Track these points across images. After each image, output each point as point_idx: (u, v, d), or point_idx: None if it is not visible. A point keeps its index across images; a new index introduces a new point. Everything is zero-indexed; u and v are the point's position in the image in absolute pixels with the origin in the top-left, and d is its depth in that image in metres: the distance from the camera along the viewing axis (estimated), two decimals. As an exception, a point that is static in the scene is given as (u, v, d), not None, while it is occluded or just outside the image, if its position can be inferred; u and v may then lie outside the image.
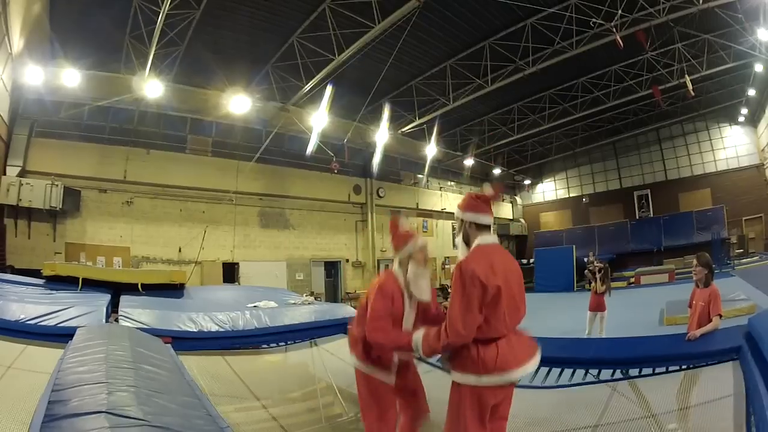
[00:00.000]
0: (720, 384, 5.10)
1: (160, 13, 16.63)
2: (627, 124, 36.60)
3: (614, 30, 19.98)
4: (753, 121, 32.68)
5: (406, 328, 4.57)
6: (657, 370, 6.06)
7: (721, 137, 35.06)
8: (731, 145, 34.50)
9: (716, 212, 33.42)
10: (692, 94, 25.03)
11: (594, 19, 20.04)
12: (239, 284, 24.40)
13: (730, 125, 34.45)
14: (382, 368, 4.63)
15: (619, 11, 19.46)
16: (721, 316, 6.39)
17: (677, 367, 5.86)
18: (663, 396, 5.35)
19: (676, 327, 9.96)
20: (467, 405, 3.90)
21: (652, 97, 27.93)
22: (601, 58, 24.68)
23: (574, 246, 30.90)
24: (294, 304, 13.50)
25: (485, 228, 4.23)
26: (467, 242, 4.21)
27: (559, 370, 6.55)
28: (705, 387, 5.30)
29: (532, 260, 33.69)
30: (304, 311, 11.80)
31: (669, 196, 36.87)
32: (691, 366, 5.76)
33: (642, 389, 5.66)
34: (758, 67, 24.41)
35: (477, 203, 4.26)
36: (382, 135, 28.05)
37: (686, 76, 24.26)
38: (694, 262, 7.03)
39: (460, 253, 4.22)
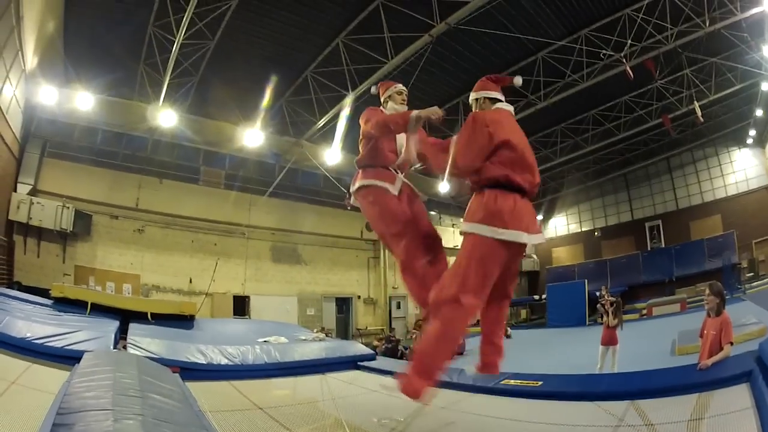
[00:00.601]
0: (731, 406, 5.02)
1: (174, 42, 16.77)
2: (638, 154, 36.48)
3: (624, 60, 20.02)
4: (761, 142, 32.49)
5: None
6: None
7: (731, 161, 34.81)
8: (740, 169, 34.23)
9: (727, 238, 33.00)
10: (701, 120, 24.85)
11: (604, 50, 20.09)
12: (249, 318, 24.32)
13: (739, 148, 34.20)
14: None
15: (629, 41, 19.51)
16: (732, 343, 6.41)
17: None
18: (673, 419, 5.14)
19: (688, 357, 9.83)
20: (476, 255, 4.24)
21: (662, 126, 27.83)
22: (612, 89, 24.67)
23: (585, 280, 30.50)
24: (305, 340, 13.43)
25: (498, 102, 4.99)
26: None
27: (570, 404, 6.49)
28: (715, 409, 5.15)
29: (544, 296, 33.49)
30: (314, 347, 11.75)
31: (680, 225, 36.53)
32: (701, 392, 5.67)
33: (650, 415, 5.46)
34: (765, 86, 24.31)
35: (486, 83, 5.16)
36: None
37: (695, 102, 24.18)
38: (707, 291, 7.04)
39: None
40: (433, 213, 35.94)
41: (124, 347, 9.28)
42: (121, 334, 10.40)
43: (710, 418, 4.96)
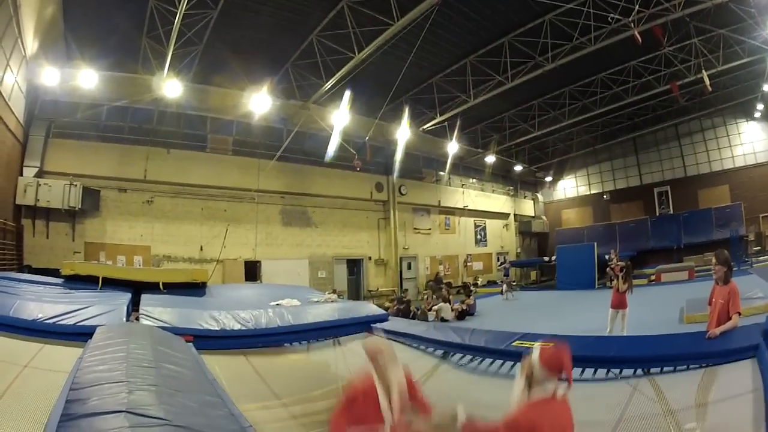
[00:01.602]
0: (738, 381, 5.09)
1: (176, 13, 16.60)
2: (646, 119, 36.31)
3: (632, 25, 19.81)
4: (768, 117, 32.36)
5: None
6: (677, 368, 6.11)
7: (738, 133, 34.91)
8: (748, 141, 34.32)
9: (734, 209, 33.20)
10: (709, 89, 24.77)
11: (612, 15, 19.87)
12: (261, 282, 24.37)
13: (747, 121, 34.29)
14: None
15: (636, 6, 19.31)
16: (740, 313, 6.46)
17: (697, 366, 5.90)
18: (682, 393, 5.30)
19: (696, 325, 9.83)
20: None
21: (670, 93, 27.73)
22: (620, 53, 24.49)
23: (595, 243, 30.46)
24: (317, 302, 13.43)
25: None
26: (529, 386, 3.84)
27: (580, 369, 6.50)
28: (724, 384, 5.29)
29: (553, 258, 33.30)
30: (327, 309, 11.75)
31: (688, 193, 36.68)
32: (710, 364, 5.79)
33: (662, 387, 5.63)
34: (772, 62, 24.09)
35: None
36: (403, 132, 27.96)
37: (703, 71, 24.06)
38: (713, 260, 7.05)
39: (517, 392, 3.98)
40: (441, 173, 35.89)
41: (137, 319, 9.31)
42: (134, 306, 10.42)
43: (718, 393, 5.15)
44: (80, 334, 7.34)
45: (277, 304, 12.07)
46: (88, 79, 19.47)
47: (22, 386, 5.13)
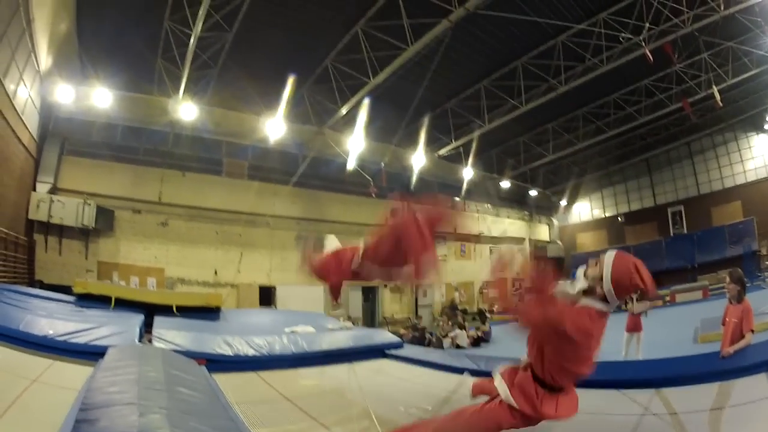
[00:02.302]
0: (752, 394, 5.08)
1: (191, 35, 16.72)
2: (659, 139, 36.24)
3: (643, 43, 19.85)
4: (778, 128, 32.24)
5: None
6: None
7: (749, 147, 34.56)
8: (759, 155, 33.97)
9: (747, 225, 32.88)
10: (720, 104, 24.73)
11: (623, 34, 19.94)
12: (276, 308, 24.32)
13: (757, 134, 33.96)
14: None
15: (647, 24, 19.35)
16: (753, 331, 6.49)
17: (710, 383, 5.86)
18: (695, 408, 5.25)
19: (711, 345, 9.78)
20: (493, 419, 3.91)
21: (682, 111, 27.57)
22: (632, 73, 24.46)
23: (610, 267, 30.14)
24: (332, 329, 13.38)
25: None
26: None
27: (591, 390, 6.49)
28: (737, 397, 5.24)
29: (568, 283, 32.91)
30: (341, 336, 11.69)
31: (701, 211, 36.33)
32: (723, 380, 5.76)
33: (672, 403, 5.59)
34: (779, 72, 24.11)
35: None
36: (418, 158, 27.99)
37: (713, 86, 23.98)
38: (727, 278, 7.09)
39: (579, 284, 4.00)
40: (457, 199, 35.83)
41: (150, 340, 9.26)
42: (146, 328, 10.38)
43: (731, 408, 5.03)
44: (91, 353, 7.27)
45: (292, 331, 12.03)
46: (102, 98, 19.69)
47: (29, 401, 5.06)
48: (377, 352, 10.71)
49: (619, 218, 41.22)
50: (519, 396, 3.89)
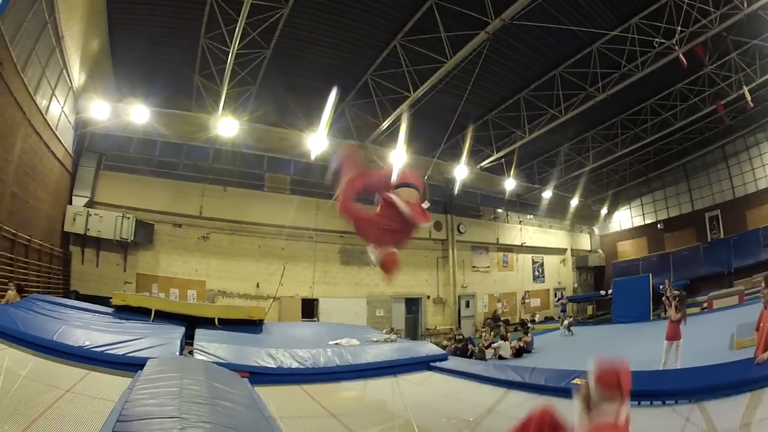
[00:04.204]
0: None
1: (229, 52, 16.86)
2: (695, 143, 35.91)
3: (676, 47, 19.71)
4: (810, 126, 31.80)
5: None
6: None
7: (781, 146, 33.88)
8: (791, 154, 33.27)
9: (782, 226, 32.07)
10: (751, 105, 24.59)
11: (656, 39, 19.79)
12: (318, 320, 24.44)
13: (787, 132, 33.22)
14: None
15: (678, 27, 19.17)
16: None
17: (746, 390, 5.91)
18: (730, 418, 5.28)
19: (746, 351, 9.58)
20: None
21: (715, 113, 27.40)
22: (665, 78, 24.20)
23: (650, 274, 29.96)
24: (376, 341, 13.28)
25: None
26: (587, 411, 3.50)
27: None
28: None
29: (610, 291, 32.94)
30: (386, 349, 11.61)
31: (737, 215, 35.70)
32: (756, 388, 5.83)
33: (711, 414, 5.64)
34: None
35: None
36: (461, 170, 28.05)
37: (744, 86, 23.77)
38: (763, 283, 7.10)
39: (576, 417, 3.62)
40: (499, 211, 35.58)
41: (191, 353, 9.21)
42: (188, 340, 10.33)
43: (763, 413, 5.16)
44: (129, 365, 7.27)
45: (336, 343, 11.95)
46: (139, 114, 20.07)
47: (62, 410, 5.02)
48: (422, 364, 10.59)
49: (658, 225, 40.75)
50: None
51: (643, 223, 42.71)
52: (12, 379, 5.62)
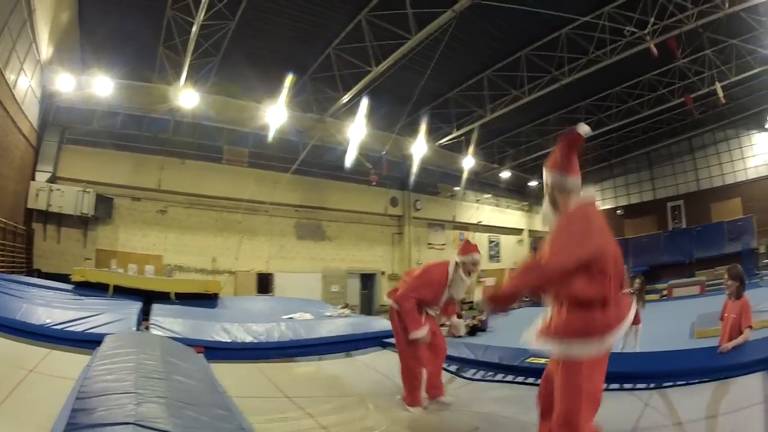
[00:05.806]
0: (749, 393, 5.10)
1: (194, 23, 16.71)
2: (661, 133, 36.27)
3: (647, 38, 19.83)
4: (781, 127, 32.29)
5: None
6: (689, 383, 6.12)
7: (751, 144, 34.60)
8: (760, 153, 33.99)
9: (746, 222, 32.87)
10: (723, 101, 24.79)
11: (627, 28, 19.90)
12: (274, 295, 24.28)
13: (759, 132, 33.98)
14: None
15: (652, 18, 19.28)
16: (751, 327, 6.51)
17: (708, 380, 5.91)
18: (693, 406, 5.28)
19: (707, 340, 10.00)
20: (585, 378, 3.67)
21: (684, 106, 27.56)
22: (635, 67, 24.38)
23: (608, 260, 30.21)
24: (330, 316, 13.38)
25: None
26: (555, 206, 4.03)
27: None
28: (734, 397, 5.28)
29: (566, 274, 33.03)
30: (340, 324, 11.68)
31: (701, 207, 36.41)
32: (721, 378, 5.80)
33: (673, 400, 5.64)
34: (782, 72, 24.09)
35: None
36: (419, 147, 28.03)
37: (716, 83, 23.94)
38: (726, 275, 7.13)
39: (547, 221, 4.06)
40: (457, 189, 35.72)
41: (147, 328, 9.24)
42: (144, 315, 10.36)
43: (728, 405, 5.12)
44: (89, 342, 7.24)
45: (290, 318, 12.03)
46: (103, 86, 19.70)
47: (26, 391, 5.04)
48: (375, 340, 10.69)
49: (618, 211, 41.13)
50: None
51: (602, 208, 43.19)
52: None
